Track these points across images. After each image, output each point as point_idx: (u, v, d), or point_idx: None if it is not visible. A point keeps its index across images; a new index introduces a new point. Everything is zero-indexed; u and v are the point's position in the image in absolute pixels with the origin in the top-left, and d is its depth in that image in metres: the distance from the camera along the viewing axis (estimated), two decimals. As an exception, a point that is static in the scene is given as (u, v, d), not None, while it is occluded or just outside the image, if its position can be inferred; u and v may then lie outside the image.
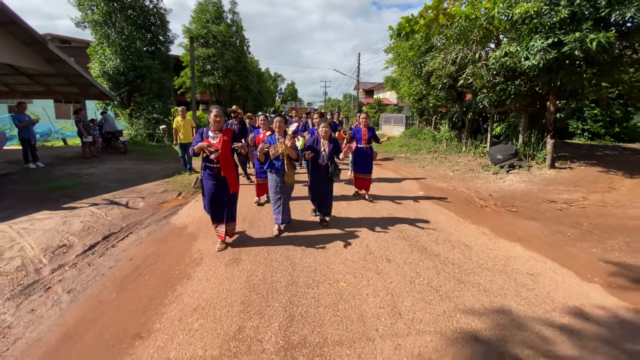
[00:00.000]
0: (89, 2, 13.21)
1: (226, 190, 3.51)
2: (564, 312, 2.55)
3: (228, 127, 3.77)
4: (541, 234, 4.30)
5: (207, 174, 3.50)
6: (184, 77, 18.80)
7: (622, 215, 4.95)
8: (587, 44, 5.79)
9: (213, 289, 2.81)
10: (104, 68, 13.20)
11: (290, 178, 3.91)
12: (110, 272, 3.18)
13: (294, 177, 3.98)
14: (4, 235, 3.96)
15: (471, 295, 2.76)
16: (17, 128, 7.88)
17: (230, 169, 3.46)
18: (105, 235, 4.11)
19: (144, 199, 5.76)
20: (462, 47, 8.16)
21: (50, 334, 2.29)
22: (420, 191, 6.62)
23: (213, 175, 3.47)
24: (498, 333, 2.28)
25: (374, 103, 28.99)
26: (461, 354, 2.07)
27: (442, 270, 3.18)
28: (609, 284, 3.02)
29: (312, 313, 2.46)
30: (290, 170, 3.90)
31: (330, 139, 4.29)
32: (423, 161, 10.40)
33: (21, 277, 3.07)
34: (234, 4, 19.59)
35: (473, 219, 4.90)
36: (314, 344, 2.14)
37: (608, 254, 3.67)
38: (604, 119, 14.75)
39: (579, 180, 6.96)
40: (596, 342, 2.22)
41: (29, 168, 7.79)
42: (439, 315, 2.46)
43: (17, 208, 4.96)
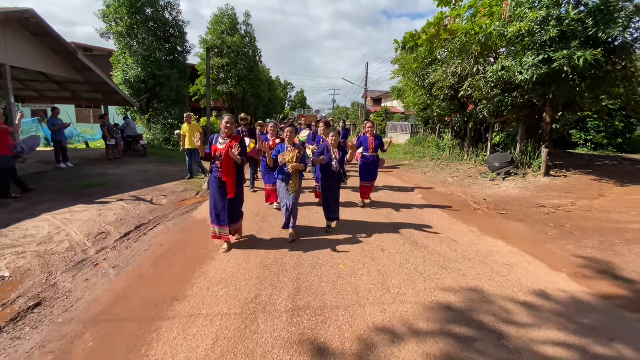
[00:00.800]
0: (113, 15, 14.19)
1: (226, 195, 3.63)
2: (528, 293, 3.02)
3: (237, 134, 3.86)
4: (525, 233, 4.75)
5: (213, 177, 3.69)
6: (199, 85, 19.73)
7: (604, 219, 5.35)
8: (575, 60, 6.27)
9: (233, 267, 3.35)
10: (126, 76, 14.08)
11: (295, 187, 4.06)
12: (146, 254, 3.75)
13: (298, 185, 4.13)
14: (50, 223, 4.59)
15: (451, 278, 3.24)
16: (51, 131, 8.63)
17: (231, 174, 3.57)
18: (137, 225, 4.71)
19: (166, 196, 6.38)
20: (461, 61, 8.67)
21: (104, 297, 2.86)
22: (418, 195, 7.10)
23: (217, 179, 3.64)
24: (468, 305, 2.76)
25: (381, 111, 29.56)
26: (434, 317, 2.56)
27: (429, 259, 3.67)
28: (575, 274, 3.46)
29: (315, 286, 2.98)
30: (295, 179, 4.06)
31: (339, 146, 4.46)
32: (425, 168, 10.86)
33: (72, 256, 3.67)
34: (247, 16, 20.63)
35: (464, 219, 5.36)
36: (316, 307, 2.66)
37: (581, 250, 4.10)
38: (607, 130, 15.01)
39: (571, 187, 7.35)
40: (549, 314, 2.68)
41: (60, 168, 8.53)
42: (420, 291, 2.96)
43: (56, 201, 5.61)
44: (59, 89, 13.03)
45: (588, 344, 2.34)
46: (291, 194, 4.09)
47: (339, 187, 4.55)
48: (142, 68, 14.12)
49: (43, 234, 4.18)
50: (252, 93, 21.23)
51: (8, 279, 3.12)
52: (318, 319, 2.51)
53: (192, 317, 2.53)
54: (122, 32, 14.16)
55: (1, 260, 3.44)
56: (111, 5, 14.04)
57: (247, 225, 4.65)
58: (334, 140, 4.39)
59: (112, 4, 14.04)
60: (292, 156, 3.98)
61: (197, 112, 20.06)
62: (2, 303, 2.72)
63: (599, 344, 2.33)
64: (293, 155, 3.99)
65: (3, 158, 5.60)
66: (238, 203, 3.84)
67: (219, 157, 3.56)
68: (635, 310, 2.80)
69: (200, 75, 20.00)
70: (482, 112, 9.60)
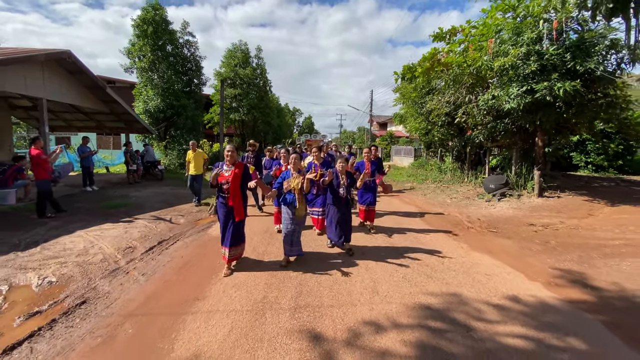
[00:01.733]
0: (137, 52, 15.60)
1: (233, 218, 3.88)
2: (502, 297, 3.44)
3: (241, 162, 4.11)
4: (510, 249, 5.15)
5: (220, 202, 3.96)
6: (213, 114, 20.98)
7: (588, 236, 5.71)
8: (555, 91, 6.87)
9: (244, 275, 3.87)
10: (147, 106, 15.25)
11: (301, 212, 4.14)
12: (169, 264, 4.31)
13: (305, 210, 4.24)
14: (84, 239, 5.22)
15: (434, 285, 3.69)
16: (80, 158, 9.51)
17: (238, 199, 3.84)
18: (159, 241, 5.30)
19: (184, 216, 7.00)
20: (454, 91, 9.38)
21: (137, 297, 3.40)
22: (417, 215, 7.55)
23: (224, 204, 3.90)
24: (446, 306, 3.20)
25: (386, 135, 30.40)
26: (414, 315, 3.01)
27: (417, 270, 4.12)
28: (549, 283, 3.86)
29: (314, 290, 3.47)
30: (301, 204, 4.13)
31: (347, 173, 4.66)
32: (426, 190, 11.32)
33: (106, 266, 4.25)
34: (259, 50, 22.23)
35: (456, 237, 5.79)
36: (315, 306, 3.14)
37: (559, 263, 4.49)
38: (607, 152, 15.32)
39: (563, 207, 7.71)
40: (517, 314, 3.10)
41: (86, 191, 9.31)
42: (405, 294, 3.41)
43: (87, 220, 6.28)
44: (85, 118, 14.21)
45: (545, 337, 2.75)
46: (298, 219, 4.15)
47: (348, 212, 4.72)
48: (162, 99, 15.30)
49: (79, 248, 4.80)
50: (262, 120, 22.39)
51: (55, 283, 3.70)
52: (315, 315, 2.99)
53: (211, 312, 3.04)
54: (145, 67, 15.49)
55: (47, 268, 4.04)
56: (136, 44, 15.49)
57: (257, 240, 5.19)
58: (342, 167, 4.58)
59: (137, 42, 15.50)
60: (298, 182, 4.09)
61: (210, 139, 21.15)
62: (54, 301, 3.28)
63: (554, 337, 2.74)
64: (298, 181, 4.10)
65: (42, 182, 6.36)
66: (241, 226, 4.06)
67: (225, 183, 3.82)
68: (595, 312, 3.19)
69: (214, 105, 21.29)
70: (477, 137, 10.17)
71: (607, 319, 3.07)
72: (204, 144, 17.69)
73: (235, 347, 2.53)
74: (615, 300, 3.47)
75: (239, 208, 3.86)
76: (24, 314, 3.04)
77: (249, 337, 2.64)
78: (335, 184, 4.60)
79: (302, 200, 4.17)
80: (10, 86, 8.21)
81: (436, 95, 10.68)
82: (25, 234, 5.36)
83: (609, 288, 3.73)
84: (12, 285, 3.60)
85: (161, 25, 15.45)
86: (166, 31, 15.71)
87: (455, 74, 9.47)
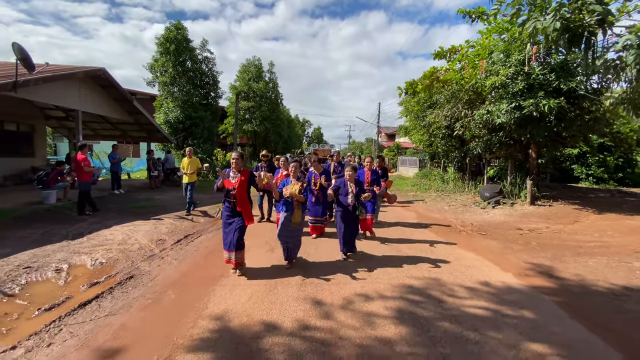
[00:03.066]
0: (160, 67, 16.88)
1: (238, 223, 3.99)
2: (475, 282, 4.09)
3: (247, 169, 4.20)
4: (494, 248, 5.77)
5: (226, 207, 4.08)
6: (227, 124, 22.15)
7: (567, 239, 6.28)
8: (541, 107, 7.55)
9: (259, 261, 4.62)
10: (167, 117, 16.40)
11: (297, 219, 4.26)
12: (196, 252, 5.10)
13: (300, 218, 4.33)
14: (121, 232, 6.06)
15: (418, 272, 4.36)
16: (111, 163, 10.52)
17: (245, 204, 4.00)
18: (185, 235, 6.11)
19: (203, 216, 7.82)
20: (451, 106, 10.12)
21: (174, 274, 4.17)
22: (414, 220, 8.21)
23: (230, 209, 4.03)
24: (425, 286, 3.88)
25: (393, 146, 31.10)
26: (398, 291, 3.70)
27: (407, 261, 4.80)
28: (519, 273, 4.48)
29: (318, 274, 4.19)
30: (297, 211, 4.25)
31: (355, 181, 4.81)
32: (428, 198, 11.94)
33: (143, 253, 5.05)
34: (272, 65, 23.56)
35: (447, 237, 6.43)
36: (317, 283, 3.86)
37: (534, 259, 5.10)
38: (607, 164, 15.69)
39: (552, 214, 8.26)
40: (484, 294, 3.75)
41: (114, 193, 10.27)
42: (392, 277, 4.10)
43: (120, 218, 7.15)
44: (111, 128, 15.40)
45: (503, 309, 3.39)
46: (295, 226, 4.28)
47: (355, 220, 4.84)
48: (181, 110, 16.45)
49: (119, 239, 5.63)
50: (274, 131, 23.47)
51: (105, 263, 4.51)
52: (317, 289, 3.71)
53: (234, 285, 3.79)
54: (166, 82, 16.73)
55: (96, 253, 4.87)
56: (159, 60, 16.78)
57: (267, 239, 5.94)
58: (350, 175, 4.78)
59: (160, 58, 16.79)
60: (296, 188, 4.22)
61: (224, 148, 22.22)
62: (108, 275, 4.09)
63: (510, 309, 3.39)
64: (296, 187, 4.23)
65: (84, 184, 7.28)
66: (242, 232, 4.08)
67: (232, 190, 3.98)
68: (552, 295, 3.81)
69: (229, 116, 22.47)
70: (475, 148, 10.82)
71: (561, 300, 3.69)
72: (218, 153, 18.71)
73: (254, 307, 3.26)
74: (573, 287, 4.08)
75: (248, 213, 4.02)
76: (86, 284, 3.84)
77: (265, 301, 3.37)
78: (343, 193, 4.75)
79: (299, 207, 4.28)
80: (54, 99, 9.31)
81: (436, 110, 11.43)
82: (70, 227, 6.24)
83: (571, 278, 4.34)
84: (70, 264, 4.42)
85: (182, 44, 16.74)
86: (187, 48, 16.99)
87: (453, 90, 10.22)
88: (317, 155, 6.93)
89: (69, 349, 2.54)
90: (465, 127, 9.91)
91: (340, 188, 4.78)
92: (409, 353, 2.56)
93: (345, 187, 4.79)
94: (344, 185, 4.79)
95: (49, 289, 3.66)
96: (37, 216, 6.82)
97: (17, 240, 5.19)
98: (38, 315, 3.07)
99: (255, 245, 5.43)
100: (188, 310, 3.21)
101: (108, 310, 3.20)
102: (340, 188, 4.79)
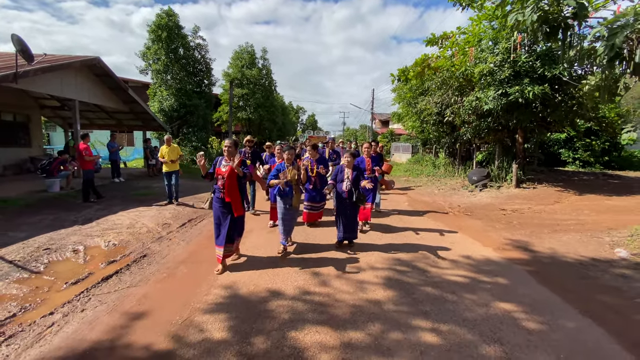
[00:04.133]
0: (153, 55, 16.78)
1: (229, 214, 3.78)
2: (457, 256, 4.53)
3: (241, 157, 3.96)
4: (477, 226, 6.23)
5: (216, 197, 3.88)
6: (221, 112, 22.18)
7: (547, 218, 6.77)
8: (526, 94, 7.91)
9: (262, 241, 5.02)
10: (162, 106, 16.43)
11: (297, 202, 4.35)
12: (200, 235, 5.46)
13: (299, 201, 4.47)
14: (128, 217, 6.38)
15: (408, 249, 4.78)
16: (110, 152, 10.70)
17: (234, 195, 3.75)
18: (188, 219, 6.46)
19: (203, 202, 8.14)
20: (441, 93, 10.43)
21: (183, 253, 4.55)
22: (405, 202, 8.64)
23: (219, 199, 3.81)
24: (412, 259, 4.31)
25: (387, 133, 31.38)
26: (387, 263, 4.12)
27: (396, 239, 5.23)
28: (498, 248, 4.94)
29: (316, 250, 4.60)
30: (297, 194, 4.36)
31: (353, 167, 4.72)
32: (419, 182, 12.40)
33: (152, 235, 5.40)
34: (264, 52, 23.40)
35: (435, 218, 6.88)
36: (315, 259, 4.28)
37: (513, 236, 5.57)
38: (594, 148, 16.25)
39: (535, 196, 8.76)
40: (464, 265, 4.19)
41: (114, 182, 10.51)
42: (382, 252, 4.53)
43: (124, 205, 7.45)
44: (107, 117, 15.44)
45: (479, 277, 3.84)
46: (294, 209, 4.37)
47: (352, 206, 4.69)
48: (175, 99, 16.48)
49: (126, 223, 5.96)
50: (268, 118, 23.55)
51: (118, 244, 4.86)
52: (315, 263, 4.13)
53: (241, 261, 4.19)
54: (160, 69, 16.67)
55: (108, 235, 5.20)
56: (151, 48, 16.67)
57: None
58: (348, 162, 4.71)
59: (152, 46, 16.67)
60: (294, 174, 4.31)
61: (218, 136, 22.34)
62: (123, 254, 4.45)
63: (486, 277, 3.84)
64: (294, 173, 4.32)
65: (87, 172, 7.53)
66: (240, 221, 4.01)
67: (222, 179, 3.76)
68: (524, 265, 4.27)
69: (223, 104, 22.48)
70: (465, 134, 11.21)
71: (532, 269, 4.15)
72: (213, 141, 18.85)
73: (260, 278, 3.66)
74: (545, 258, 4.55)
75: (237, 204, 3.79)
76: (104, 262, 4.19)
77: (268, 273, 3.77)
78: (339, 179, 4.71)
79: (297, 191, 4.37)
80: (52, 89, 9.41)
81: (427, 96, 11.73)
82: (78, 214, 6.53)
83: (544, 251, 4.81)
84: (86, 246, 4.76)
85: (174, 31, 16.60)
86: (179, 35, 16.87)
87: (444, 77, 10.50)
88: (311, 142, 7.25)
89: (101, 313, 2.92)
90: (455, 114, 10.26)
91: (338, 175, 4.76)
92: (395, 310, 2.98)
93: (342, 173, 4.75)
94: (340, 172, 4.77)
95: (70, 267, 4.01)
96: (45, 203, 7.09)
97: (31, 225, 5.50)
98: (66, 288, 3.43)
99: (258, 228, 5.81)
100: (201, 281, 3.59)
101: (129, 283, 3.57)
102: (338, 174, 4.77)
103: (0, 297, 3.17)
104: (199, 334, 2.59)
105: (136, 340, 2.52)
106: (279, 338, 2.54)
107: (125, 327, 2.69)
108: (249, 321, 2.78)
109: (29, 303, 3.10)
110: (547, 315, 2.98)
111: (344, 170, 4.74)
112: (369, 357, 2.34)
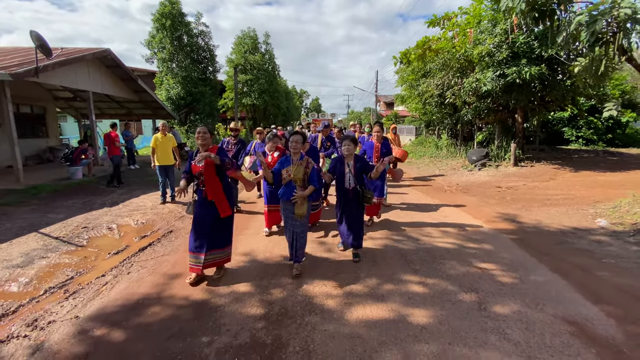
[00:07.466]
0: (157, 43, 17.04)
1: (212, 215, 3.20)
2: (449, 226, 5.02)
3: (216, 145, 3.35)
4: (472, 202, 6.69)
5: (199, 202, 3.27)
6: (226, 99, 22.49)
7: (539, 194, 7.19)
8: (523, 74, 8.15)
9: (272, 217, 5.57)
10: (169, 94, 16.84)
11: (301, 210, 3.28)
12: (217, 213, 6.03)
13: (305, 208, 3.32)
14: (149, 200, 6.97)
15: (406, 221, 5.29)
16: (125, 140, 11.27)
17: (217, 191, 3.17)
18: (204, 200, 7.02)
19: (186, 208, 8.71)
20: (442, 75, 10.65)
21: (203, 229, 5.12)
22: (405, 182, 9.10)
23: (201, 199, 3.22)
24: (407, 230, 4.82)
25: (391, 115, 31.42)
26: (385, 234, 4.64)
27: (393, 216, 5.73)
28: (488, 220, 5.42)
29: (321, 228, 5.13)
30: (303, 201, 3.28)
31: (355, 158, 3.70)
32: (422, 163, 12.79)
33: (174, 215, 5.98)
34: (267, 36, 23.40)
35: (433, 195, 7.35)
36: (321, 234, 4.81)
37: (504, 210, 6.03)
38: (597, 126, 16.32)
39: (531, 174, 9.13)
40: (454, 234, 4.69)
41: (130, 168, 11.12)
42: (380, 225, 5.05)
43: (144, 189, 8.05)
44: (117, 107, 15.96)
45: (467, 244, 4.34)
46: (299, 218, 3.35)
47: (357, 208, 3.70)
48: (182, 87, 16.85)
49: (149, 205, 6.55)
50: (272, 104, 23.82)
51: (146, 223, 5.45)
52: (321, 237, 4.67)
53: (255, 234, 4.77)
54: (165, 58, 16.97)
55: (135, 215, 5.79)
56: (156, 36, 16.91)
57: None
58: (348, 150, 3.63)
59: (157, 35, 16.91)
60: (301, 171, 3.27)
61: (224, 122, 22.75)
62: (152, 230, 5.04)
63: (473, 244, 4.33)
64: (300, 170, 3.28)
65: (115, 157, 8.15)
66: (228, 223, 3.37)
67: (200, 175, 3.15)
68: (510, 234, 4.75)
69: (227, 90, 22.76)
70: (466, 115, 11.48)
71: (516, 237, 4.63)
72: (219, 128, 19.30)
73: (273, 247, 4.22)
74: (529, 228, 5.02)
75: (222, 202, 3.20)
76: (137, 237, 4.79)
77: (281, 245, 4.33)
78: (339, 173, 3.69)
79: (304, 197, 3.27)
80: (68, 81, 9.89)
81: (429, 78, 11.93)
82: (105, 198, 7.15)
83: (530, 223, 5.28)
84: (118, 224, 5.36)
85: (178, 18, 16.77)
86: (182, 23, 17.03)
87: (445, 59, 10.69)
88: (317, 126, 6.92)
89: (144, 274, 3.51)
90: (456, 95, 10.51)
91: (336, 167, 3.72)
92: (389, 269, 3.52)
93: (341, 166, 3.68)
94: (340, 164, 3.71)
95: (109, 241, 4.61)
96: (72, 189, 7.72)
97: (66, 208, 6.12)
98: (110, 257, 4.03)
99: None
100: (223, 250, 4.16)
101: (162, 252, 4.16)
102: (336, 167, 3.73)
103: (57, 265, 3.78)
104: (227, 288, 3.16)
105: (177, 293, 3.11)
106: (293, 289, 3.10)
107: (166, 284, 3.28)
108: (267, 278, 3.35)
109: (82, 269, 3.70)
110: (521, 272, 3.48)
111: (344, 161, 3.69)
112: (366, 301, 2.88)
